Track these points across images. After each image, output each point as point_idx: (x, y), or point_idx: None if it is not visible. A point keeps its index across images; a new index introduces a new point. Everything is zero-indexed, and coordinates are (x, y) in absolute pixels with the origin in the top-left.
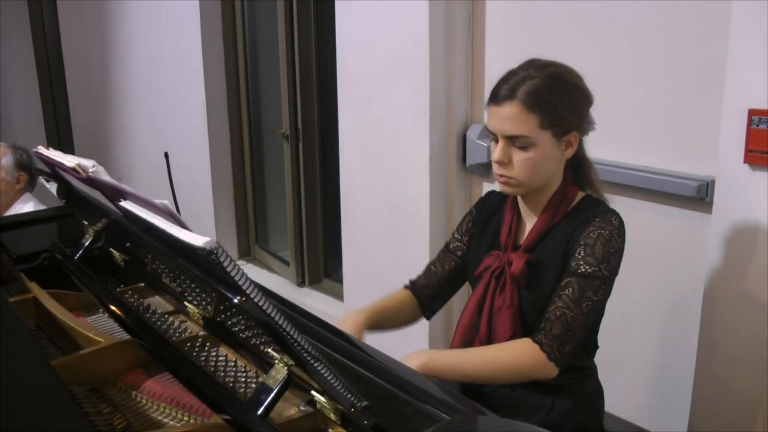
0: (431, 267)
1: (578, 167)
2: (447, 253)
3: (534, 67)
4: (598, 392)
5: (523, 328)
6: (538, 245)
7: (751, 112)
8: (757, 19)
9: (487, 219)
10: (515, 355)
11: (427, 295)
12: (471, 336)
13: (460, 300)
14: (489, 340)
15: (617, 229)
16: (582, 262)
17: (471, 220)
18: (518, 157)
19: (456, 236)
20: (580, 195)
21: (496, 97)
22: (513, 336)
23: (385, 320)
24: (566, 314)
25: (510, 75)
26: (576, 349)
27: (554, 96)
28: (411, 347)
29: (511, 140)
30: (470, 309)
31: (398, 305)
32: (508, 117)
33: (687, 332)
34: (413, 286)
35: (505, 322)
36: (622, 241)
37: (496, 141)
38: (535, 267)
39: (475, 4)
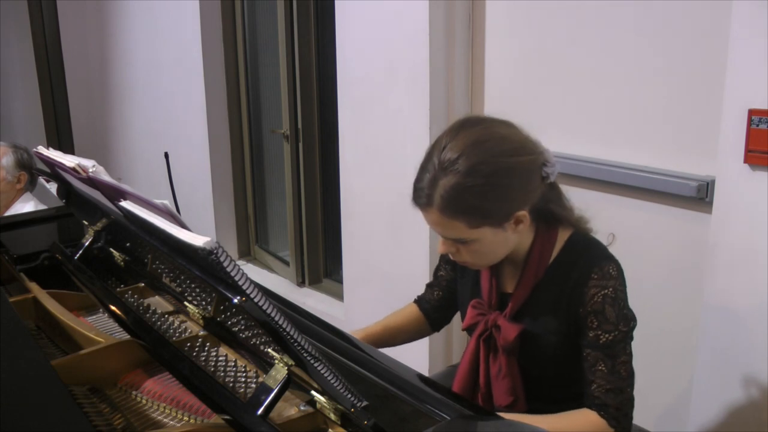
0: (429, 291)
1: (548, 216)
2: (436, 281)
3: (453, 147)
4: None
5: (526, 389)
6: (527, 307)
7: (751, 112)
8: (757, 19)
9: None
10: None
11: (430, 315)
12: (471, 390)
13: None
14: (491, 398)
15: (618, 280)
16: (600, 332)
17: None
18: (464, 248)
19: (441, 263)
20: (565, 235)
21: (415, 200)
22: (515, 401)
23: (390, 338)
24: (612, 389)
25: (423, 168)
26: (632, 407)
27: (476, 196)
28: (411, 348)
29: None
30: (465, 369)
31: (404, 322)
32: (433, 222)
33: (687, 332)
34: (420, 302)
35: (503, 388)
36: (625, 288)
37: None
38: (526, 333)
39: (475, 4)
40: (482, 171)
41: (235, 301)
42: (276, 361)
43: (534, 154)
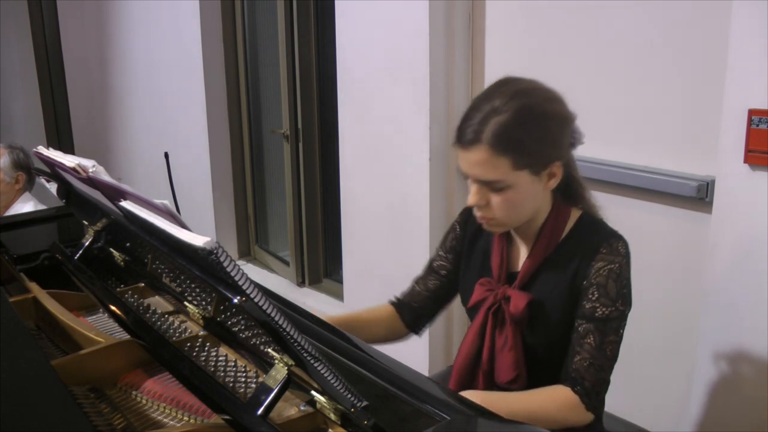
0: (415, 286)
1: (567, 188)
2: (431, 272)
3: (501, 95)
4: None
5: (528, 367)
6: (536, 279)
7: (751, 112)
8: (757, 20)
9: (473, 238)
10: (561, 409)
11: (412, 314)
12: (472, 369)
13: (460, 308)
14: (492, 375)
15: (625, 258)
16: (598, 304)
17: (455, 237)
18: (495, 199)
19: (440, 254)
20: (576, 215)
21: (461, 139)
22: (518, 376)
23: (353, 330)
24: (594, 364)
25: (474, 110)
26: (606, 390)
27: (525, 133)
28: (411, 349)
29: (486, 183)
30: (469, 342)
31: (373, 319)
32: (477, 162)
33: (687, 332)
34: (398, 303)
35: (507, 361)
36: (629, 268)
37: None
38: (535, 304)
39: (475, 4)
40: (532, 112)
41: (235, 301)
42: (276, 361)
43: (569, 109)
